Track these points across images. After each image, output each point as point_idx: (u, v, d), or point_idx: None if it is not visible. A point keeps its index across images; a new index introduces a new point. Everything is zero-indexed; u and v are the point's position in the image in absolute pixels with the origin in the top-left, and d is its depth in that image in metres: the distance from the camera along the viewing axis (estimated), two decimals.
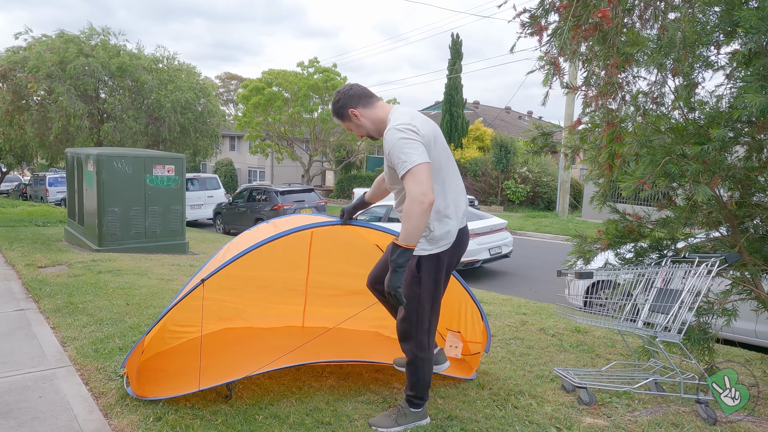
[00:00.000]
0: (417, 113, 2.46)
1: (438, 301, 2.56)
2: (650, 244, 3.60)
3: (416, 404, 2.63)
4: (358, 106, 2.50)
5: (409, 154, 2.22)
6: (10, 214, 15.07)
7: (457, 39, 24.16)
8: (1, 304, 4.95)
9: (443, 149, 2.47)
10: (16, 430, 2.56)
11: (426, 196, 2.17)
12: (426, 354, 2.55)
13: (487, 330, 3.29)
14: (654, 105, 3.57)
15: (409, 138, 2.26)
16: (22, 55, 14.49)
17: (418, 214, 2.17)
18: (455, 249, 2.51)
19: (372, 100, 2.52)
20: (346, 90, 2.53)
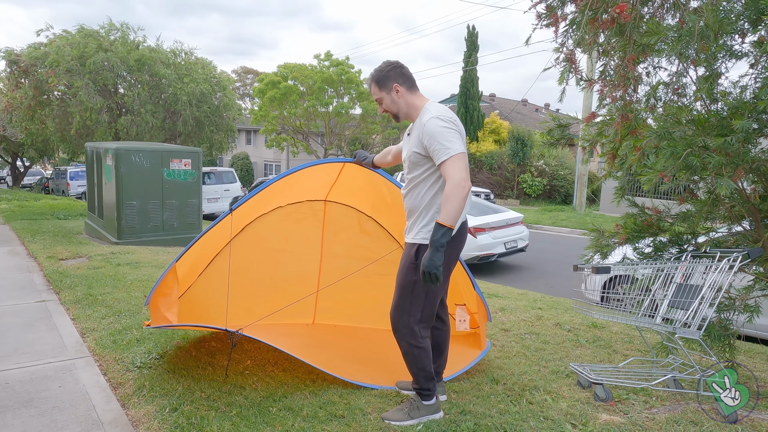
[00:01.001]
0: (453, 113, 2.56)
1: (434, 293, 2.56)
2: (670, 238, 3.52)
3: (426, 395, 2.62)
4: (404, 84, 2.59)
5: (452, 142, 2.38)
6: (32, 207, 15.38)
7: (473, 31, 23.90)
8: (23, 295, 5.06)
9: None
10: (37, 418, 2.61)
11: (467, 182, 2.34)
12: (420, 342, 2.56)
13: (482, 298, 3.29)
14: (675, 96, 3.49)
15: (452, 128, 2.42)
16: (43, 51, 14.73)
17: (461, 197, 2.32)
18: (455, 241, 2.55)
19: (415, 86, 2.64)
20: (397, 64, 2.62)
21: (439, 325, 2.83)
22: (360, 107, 23.19)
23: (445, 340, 2.86)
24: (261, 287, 3.96)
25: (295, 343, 3.57)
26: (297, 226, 3.93)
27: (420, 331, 2.56)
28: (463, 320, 3.48)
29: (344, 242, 3.98)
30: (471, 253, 8.26)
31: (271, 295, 3.98)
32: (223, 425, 2.51)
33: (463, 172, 2.35)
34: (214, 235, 3.38)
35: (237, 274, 3.85)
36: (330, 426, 2.54)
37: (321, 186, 3.70)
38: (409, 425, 2.56)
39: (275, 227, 3.86)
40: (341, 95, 23.23)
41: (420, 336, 2.56)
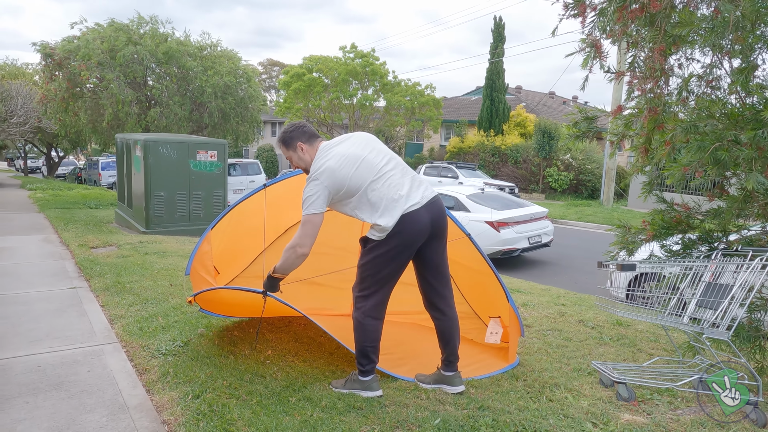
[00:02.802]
0: (331, 148, 2.80)
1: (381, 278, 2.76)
2: (700, 236, 3.42)
3: (361, 371, 2.82)
4: (307, 142, 2.88)
5: (310, 203, 2.68)
6: (66, 196, 15.86)
7: (500, 22, 23.52)
8: (56, 282, 5.23)
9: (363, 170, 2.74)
10: (67, 401, 2.71)
11: (302, 248, 2.69)
12: (360, 317, 2.78)
13: (516, 312, 3.25)
14: (708, 89, 3.37)
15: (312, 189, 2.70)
16: (75, 44, 15.11)
17: (291, 258, 2.73)
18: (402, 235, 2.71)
19: (315, 139, 2.90)
20: (299, 125, 2.92)
21: (439, 316, 2.93)
22: (384, 99, 23.13)
23: (448, 328, 2.92)
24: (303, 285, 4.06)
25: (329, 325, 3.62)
26: (342, 227, 3.96)
27: (362, 305, 2.79)
28: (494, 332, 3.46)
29: None
30: (494, 248, 8.19)
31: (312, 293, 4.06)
32: (244, 413, 2.56)
33: (306, 238, 2.67)
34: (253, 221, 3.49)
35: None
36: (348, 417, 2.56)
37: None
38: (341, 392, 2.83)
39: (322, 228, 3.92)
40: (365, 87, 23.20)
41: (361, 309, 2.78)
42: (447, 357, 2.93)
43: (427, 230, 2.77)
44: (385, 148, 2.93)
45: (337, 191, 2.72)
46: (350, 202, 2.77)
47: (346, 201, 2.77)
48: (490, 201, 8.93)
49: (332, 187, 2.70)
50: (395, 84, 22.98)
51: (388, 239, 2.72)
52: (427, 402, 2.75)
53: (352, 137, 2.91)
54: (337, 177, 2.70)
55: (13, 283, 5.13)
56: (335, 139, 2.89)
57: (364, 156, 2.79)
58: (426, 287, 2.94)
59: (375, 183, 2.75)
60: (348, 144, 2.83)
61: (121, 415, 2.57)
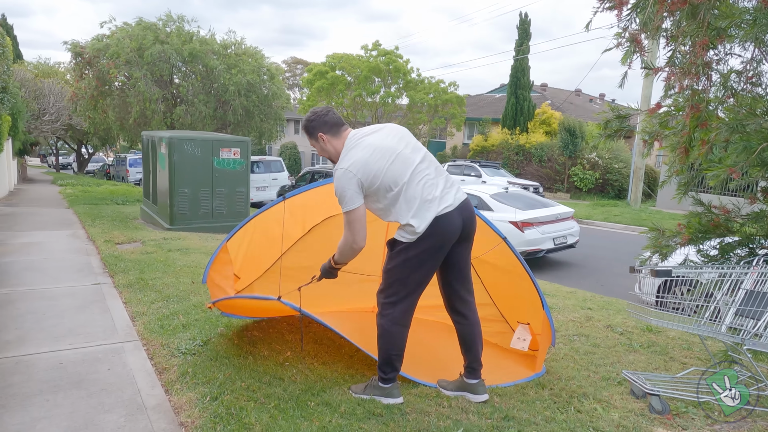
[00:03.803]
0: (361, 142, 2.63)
1: (410, 283, 2.66)
2: (739, 240, 3.25)
3: (383, 378, 2.72)
4: (328, 132, 2.72)
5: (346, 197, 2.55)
6: (94, 192, 16.19)
7: (526, 18, 23.14)
8: (81, 277, 5.30)
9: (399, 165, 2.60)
10: (86, 400, 2.70)
11: (356, 243, 2.61)
12: (387, 324, 2.66)
13: (550, 321, 3.12)
14: (749, 85, 3.19)
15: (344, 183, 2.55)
16: (104, 43, 15.42)
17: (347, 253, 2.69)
18: (432, 238, 2.59)
19: (338, 129, 2.72)
20: (319, 114, 2.73)
21: (460, 320, 2.84)
22: (407, 97, 23.01)
23: (470, 333, 2.82)
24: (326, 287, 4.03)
25: (349, 327, 3.56)
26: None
27: (389, 312, 2.66)
28: (522, 339, 3.34)
29: None
30: (518, 249, 8.01)
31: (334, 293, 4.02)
32: (261, 417, 2.51)
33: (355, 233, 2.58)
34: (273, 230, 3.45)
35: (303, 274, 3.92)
36: (367, 424, 2.49)
37: None
38: (361, 398, 2.74)
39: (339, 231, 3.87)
40: (388, 85, 23.12)
41: (388, 316, 2.66)
42: (470, 364, 2.83)
43: (458, 233, 2.65)
44: (419, 144, 2.78)
45: (369, 185, 2.56)
46: (383, 199, 2.61)
47: (377, 197, 2.61)
48: (514, 200, 8.76)
49: (365, 179, 2.54)
50: (418, 81, 22.84)
51: (418, 242, 2.59)
52: (450, 410, 2.66)
53: (385, 128, 2.74)
54: (369, 170, 2.54)
55: (40, 278, 5.22)
56: (366, 129, 2.73)
57: (399, 150, 2.64)
58: (448, 290, 2.83)
59: (410, 181, 2.60)
60: (381, 135, 2.67)
61: (139, 416, 2.55)
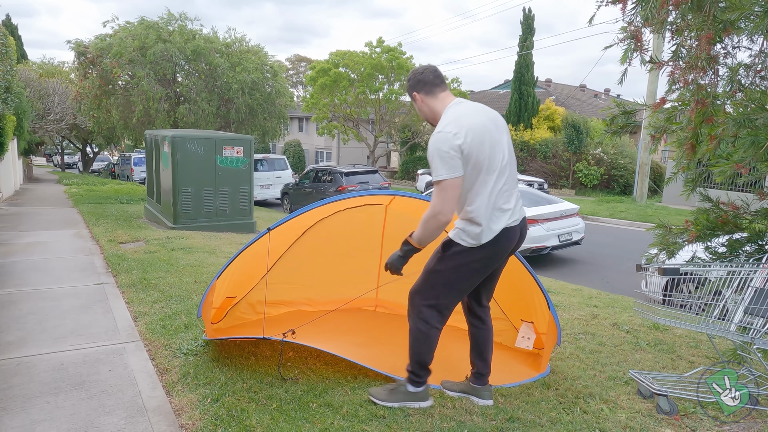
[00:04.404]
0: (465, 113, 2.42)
1: (458, 289, 2.54)
2: (749, 237, 3.19)
3: (415, 381, 2.61)
4: (422, 91, 2.56)
5: (440, 167, 2.32)
6: (99, 191, 16.24)
7: (529, 14, 23.00)
8: (84, 277, 5.29)
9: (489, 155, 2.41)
10: (87, 402, 2.68)
11: (444, 216, 2.34)
12: (425, 327, 2.54)
13: (555, 320, 3.08)
14: (758, 79, 3.13)
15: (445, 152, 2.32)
16: (108, 42, 15.42)
17: (433, 228, 2.39)
18: (494, 247, 2.46)
19: (435, 90, 2.55)
20: (416, 72, 2.58)
21: (477, 324, 2.75)
22: None
23: (485, 339, 2.74)
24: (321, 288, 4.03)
25: (344, 340, 3.53)
26: (357, 229, 3.88)
27: (429, 315, 2.54)
28: (527, 337, 3.30)
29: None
30: (522, 245, 7.95)
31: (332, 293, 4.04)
32: (263, 419, 2.48)
33: (446, 204, 2.32)
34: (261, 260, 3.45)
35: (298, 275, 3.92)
36: (370, 426, 2.45)
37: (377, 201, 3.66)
38: (388, 406, 2.61)
39: (335, 231, 3.84)
40: (392, 82, 23.03)
41: (427, 319, 2.54)
42: (479, 370, 2.75)
43: (513, 247, 2.55)
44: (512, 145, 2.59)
45: (467, 156, 2.32)
46: (466, 182, 2.38)
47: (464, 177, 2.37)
48: None
49: (466, 147, 2.30)
50: None
51: (479, 249, 2.43)
52: (454, 412, 2.62)
53: (486, 111, 2.49)
54: (474, 145, 2.32)
55: (43, 278, 5.21)
56: (467, 104, 2.50)
57: (499, 140, 2.43)
58: (473, 294, 2.71)
59: (497, 181, 2.42)
60: (484, 118, 2.44)
61: (139, 418, 2.53)
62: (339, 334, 3.62)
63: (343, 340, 3.53)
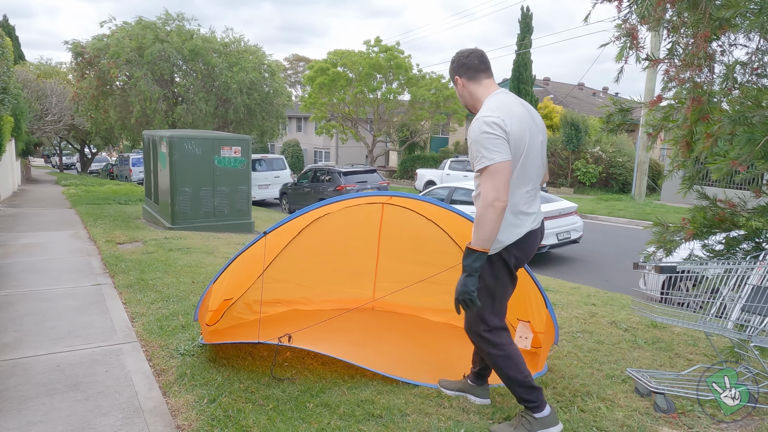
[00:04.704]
0: (511, 104, 2.31)
1: (502, 299, 2.42)
2: (746, 235, 3.18)
3: (533, 407, 2.37)
4: (464, 76, 2.45)
5: (490, 150, 2.17)
6: (97, 192, 16.21)
7: (527, 12, 22.98)
8: (81, 278, 5.28)
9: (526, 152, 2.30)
10: (83, 403, 2.67)
11: (500, 201, 2.15)
12: (500, 351, 2.37)
13: (553, 319, 3.07)
14: (754, 77, 3.12)
15: (493, 134, 2.19)
16: (105, 43, 15.40)
17: (492, 219, 2.16)
18: (521, 248, 2.37)
19: (479, 76, 2.43)
20: (461, 55, 2.47)
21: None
22: (408, 93, 22.92)
23: None
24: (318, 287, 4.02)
25: (342, 339, 3.53)
26: (353, 228, 3.87)
27: (495, 338, 2.38)
28: (524, 337, 3.29)
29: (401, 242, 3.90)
30: None
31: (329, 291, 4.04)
32: (259, 419, 2.47)
33: (499, 189, 2.14)
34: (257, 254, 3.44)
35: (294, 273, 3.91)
36: (367, 426, 2.45)
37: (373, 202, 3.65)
38: None
39: (332, 230, 3.83)
40: (390, 81, 23.01)
41: (496, 342, 2.38)
42: (480, 370, 2.71)
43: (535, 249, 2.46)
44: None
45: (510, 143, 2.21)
46: None
47: None
48: None
49: (511, 143, 2.20)
50: (420, 77, 22.72)
51: (508, 250, 2.33)
52: (451, 411, 2.62)
53: (528, 108, 2.39)
54: (517, 138, 2.22)
55: (40, 279, 5.20)
56: (512, 96, 2.41)
57: (535, 140, 2.34)
58: None
59: (527, 182, 2.34)
60: (527, 114, 2.33)
61: (135, 419, 2.52)
62: (336, 333, 3.61)
63: (340, 339, 3.52)
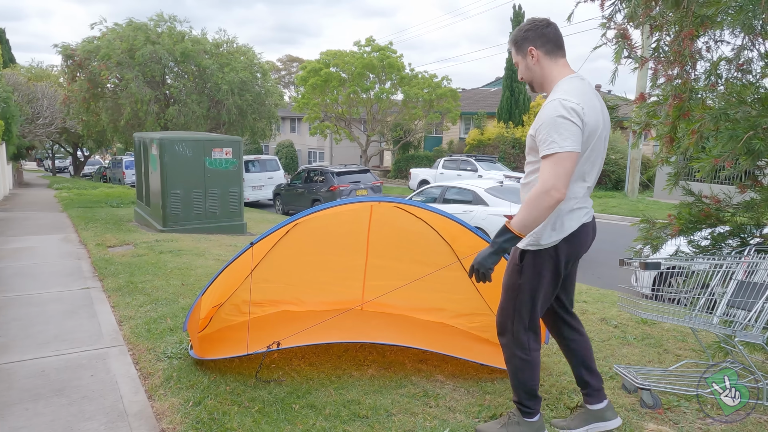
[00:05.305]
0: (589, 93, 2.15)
1: (543, 298, 2.29)
2: (731, 230, 3.20)
3: (526, 412, 2.33)
4: (542, 48, 2.21)
5: (562, 136, 2.01)
6: (89, 195, 16.12)
7: (519, 11, 23.05)
8: (70, 282, 5.25)
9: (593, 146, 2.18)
10: (67, 408, 2.65)
11: (558, 191, 1.99)
12: (525, 354, 2.28)
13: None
14: (739, 73, 3.14)
15: (569, 120, 2.02)
16: (95, 45, 15.31)
17: (544, 207, 2.01)
18: (571, 245, 2.24)
19: (558, 52, 2.23)
20: (540, 23, 2.23)
21: (574, 336, 2.47)
22: (402, 92, 22.91)
23: (587, 350, 2.46)
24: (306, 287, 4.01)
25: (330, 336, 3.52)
26: (342, 227, 3.86)
27: (526, 340, 2.27)
28: None
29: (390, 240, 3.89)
30: None
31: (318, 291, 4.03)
32: (244, 422, 2.46)
33: (560, 178, 1.98)
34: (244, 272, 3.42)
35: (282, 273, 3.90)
36: (352, 427, 2.44)
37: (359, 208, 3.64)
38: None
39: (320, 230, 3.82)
40: (383, 81, 23.00)
41: (527, 347, 2.28)
42: (593, 386, 2.43)
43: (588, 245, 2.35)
44: None
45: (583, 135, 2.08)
46: None
47: None
48: (509, 194, 8.71)
49: (584, 134, 2.07)
50: (412, 77, 22.73)
51: (559, 246, 2.20)
52: (437, 410, 2.61)
53: (600, 99, 2.23)
54: (591, 128, 2.09)
55: (29, 283, 5.17)
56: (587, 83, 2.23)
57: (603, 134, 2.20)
58: (559, 306, 2.46)
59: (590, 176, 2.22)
60: (600, 105, 2.19)
61: (119, 423, 2.50)
62: (324, 331, 3.61)
63: (329, 335, 3.52)
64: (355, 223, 3.88)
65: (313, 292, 4.05)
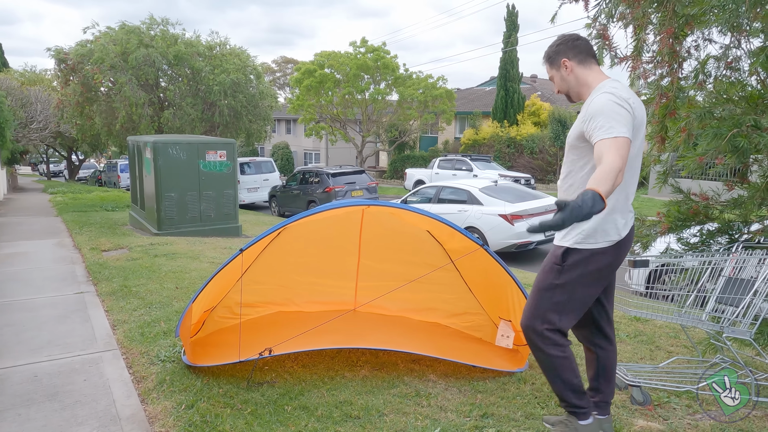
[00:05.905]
0: (632, 94, 2.17)
1: (583, 301, 2.21)
2: (719, 227, 3.22)
3: (580, 414, 2.25)
4: (575, 58, 2.28)
5: (619, 123, 1.98)
6: (84, 199, 16.07)
7: (513, 10, 23.11)
8: (63, 287, 5.24)
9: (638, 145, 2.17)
10: (59, 413, 2.66)
11: (621, 174, 1.89)
12: (562, 351, 2.20)
13: None
14: (728, 71, 3.17)
15: (624, 108, 2.03)
16: (88, 48, 15.28)
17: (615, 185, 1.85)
18: (622, 249, 2.20)
19: (590, 60, 2.28)
20: (570, 37, 2.31)
21: (604, 344, 2.39)
22: (396, 93, 22.94)
23: (612, 361, 2.40)
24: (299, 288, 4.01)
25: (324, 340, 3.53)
26: (334, 229, 3.87)
27: (557, 338, 2.20)
28: (506, 336, 3.32)
29: (382, 242, 3.90)
30: (508, 241, 8.00)
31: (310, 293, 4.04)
32: (237, 424, 2.47)
33: (624, 160, 1.90)
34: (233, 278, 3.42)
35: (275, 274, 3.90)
36: (344, 427, 2.45)
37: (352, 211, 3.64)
38: None
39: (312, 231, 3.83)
40: (377, 82, 23.02)
41: (557, 342, 2.20)
42: (604, 398, 2.39)
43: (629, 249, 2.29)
44: None
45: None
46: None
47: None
48: (503, 193, 8.74)
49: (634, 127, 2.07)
50: (407, 77, 22.75)
51: (606, 251, 2.14)
52: (428, 410, 2.63)
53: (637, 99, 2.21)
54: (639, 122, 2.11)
55: (22, 289, 5.15)
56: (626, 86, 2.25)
57: (641, 137, 2.20)
58: (598, 311, 2.37)
59: (635, 175, 2.21)
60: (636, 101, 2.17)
61: (112, 428, 2.51)
62: (317, 335, 3.61)
63: (322, 340, 3.52)
64: (347, 224, 3.89)
65: (306, 293, 4.06)
